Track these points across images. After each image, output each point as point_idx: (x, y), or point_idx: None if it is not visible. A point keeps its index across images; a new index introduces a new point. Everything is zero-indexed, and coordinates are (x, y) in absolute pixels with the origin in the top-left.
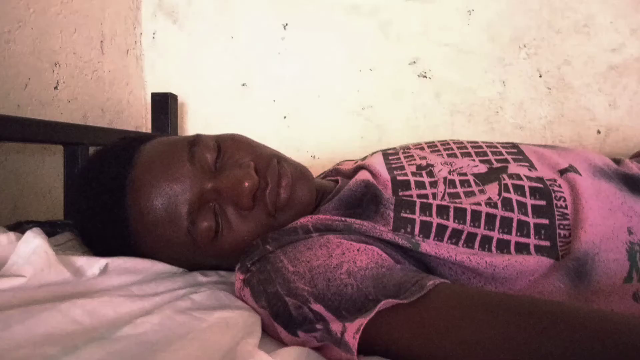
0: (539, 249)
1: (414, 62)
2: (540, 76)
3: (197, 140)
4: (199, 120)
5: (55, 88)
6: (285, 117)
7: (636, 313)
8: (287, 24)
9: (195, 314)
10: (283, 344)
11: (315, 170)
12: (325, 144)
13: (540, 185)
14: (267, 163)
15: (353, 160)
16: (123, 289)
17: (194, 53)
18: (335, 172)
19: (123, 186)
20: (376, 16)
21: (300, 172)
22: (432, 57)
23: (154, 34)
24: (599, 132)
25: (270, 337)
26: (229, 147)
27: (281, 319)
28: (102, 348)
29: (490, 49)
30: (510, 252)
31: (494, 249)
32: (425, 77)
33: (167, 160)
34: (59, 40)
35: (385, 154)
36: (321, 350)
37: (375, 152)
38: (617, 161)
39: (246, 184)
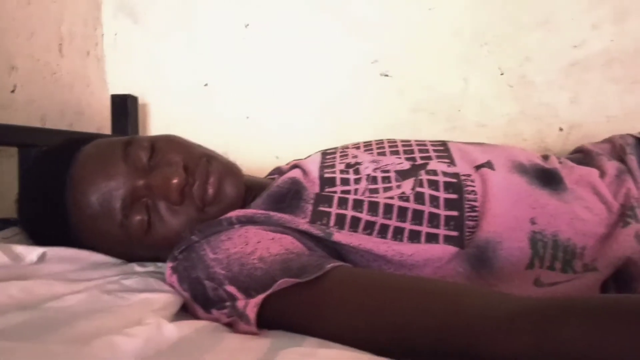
0: (448, 239)
1: (376, 61)
2: (502, 73)
3: (131, 141)
4: (162, 121)
5: (12, 91)
6: (247, 117)
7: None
8: (248, 24)
9: (121, 295)
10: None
11: None
12: (288, 143)
13: (455, 180)
14: (197, 161)
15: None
16: (60, 275)
17: (156, 53)
18: (276, 171)
19: (63, 183)
20: (338, 16)
21: (228, 169)
22: (393, 55)
23: (115, 34)
24: (561, 129)
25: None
26: (162, 147)
27: (199, 299)
28: (27, 314)
29: (451, 47)
30: (420, 242)
31: (405, 238)
32: (387, 75)
33: (102, 159)
34: (15, 44)
35: (325, 153)
36: (232, 326)
37: (317, 152)
38: (546, 157)
39: (174, 180)
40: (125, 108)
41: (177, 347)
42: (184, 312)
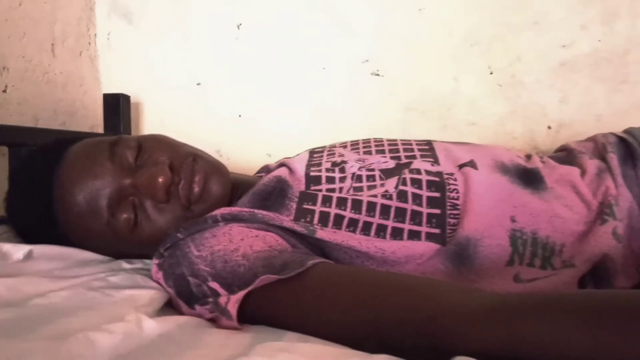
0: (430, 236)
1: (367, 61)
2: (492, 73)
3: (118, 141)
4: (155, 119)
5: (4, 91)
6: (240, 115)
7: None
8: (240, 24)
9: (106, 291)
10: None
11: None
12: (281, 142)
13: (438, 179)
14: (183, 160)
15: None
16: (46, 273)
17: (149, 53)
18: (264, 169)
19: (50, 182)
20: (329, 16)
21: (214, 168)
22: (385, 55)
23: (108, 34)
24: (550, 127)
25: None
26: (149, 146)
27: (183, 295)
28: (12, 312)
29: (442, 47)
30: (403, 239)
31: (388, 236)
32: (378, 75)
33: (89, 159)
34: (7, 45)
35: (312, 151)
36: (216, 321)
37: (306, 150)
38: (529, 157)
39: (160, 179)
40: (117, 107)
41: (158, 342)
42: (171, 308)
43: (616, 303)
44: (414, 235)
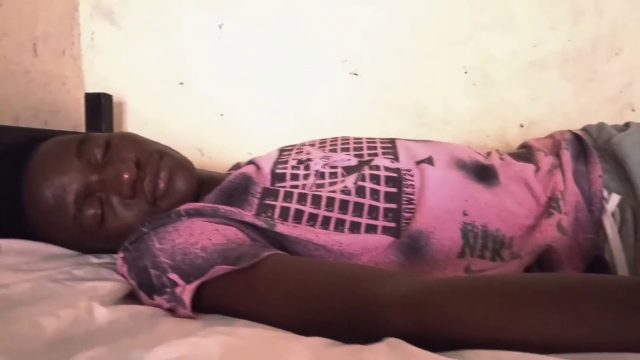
0: (386, 230)
1: (345, 60)
2: (466, 72)
3: (86, 138)
4: (138, 118)
5: None
6: (222, 114)
7: None
8: (222, 24)
9: (68, 283)
10: None
11: None
12: (262, 140)
13: (395, 175)
14: (149, 157)
15: None
16: (13, 266)
17: (132, 53)
18: (236, 166)
19: (20, 178)
20: (308, 16)
21: (179, 164)
22: (361, 55)
23: (92, 34)
24: (521, 125)
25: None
26: (117, 144)
27: (144, 287)
28: None
29: (418, 46)
30: (360, 232)
31: (347, 230)
32: (356, 74)
33: (57, 156)
34: None
35: (282, 149)
36: (174, 311)
37: (277, 149)
38: (489, 154)
39: (125, 175)
40: (99, 106)
41: (107, 329)
42: (136, 301)
43: (530, 283)
44: (370, 229)
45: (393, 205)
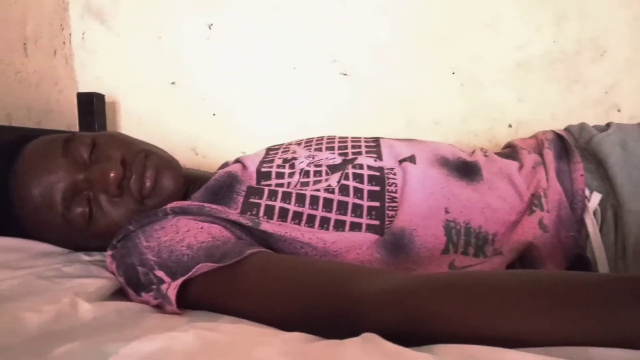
0: (370, 227)
1: (335, 61)
2: (454, 73)
3: (73, 137)
4: (131, 118)
5: None
6: (214, 114)
7: None
8: (212, 24)
9: (56, 280)
10: None
11: None
12: (254, 140)
13: (378, 174)
14: (135, 156)
15: None
16: (3, 263)
17: (123, 53)
18: (224, 165)
19: (8, 177)
20: (299, 16)
21: (165, 163)
22: (351, 55)
23: (83, 34)
24: (510, 125)
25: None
26: (103, 143)
27: (132, 283)
28: None
29: (406, 47)
30: (345, 230)
31: (331, 228)
32: (346, 75)
33: (43, 155)
34: None
35: (269, 149)
36: (161, 308)
37: (264, 148)
38: (473, 152)
39: (112, 174)
40: (91, 106)
41: (92, 324)
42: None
43: (506, 280)
44: (355, 227)
45: (376, 204)
